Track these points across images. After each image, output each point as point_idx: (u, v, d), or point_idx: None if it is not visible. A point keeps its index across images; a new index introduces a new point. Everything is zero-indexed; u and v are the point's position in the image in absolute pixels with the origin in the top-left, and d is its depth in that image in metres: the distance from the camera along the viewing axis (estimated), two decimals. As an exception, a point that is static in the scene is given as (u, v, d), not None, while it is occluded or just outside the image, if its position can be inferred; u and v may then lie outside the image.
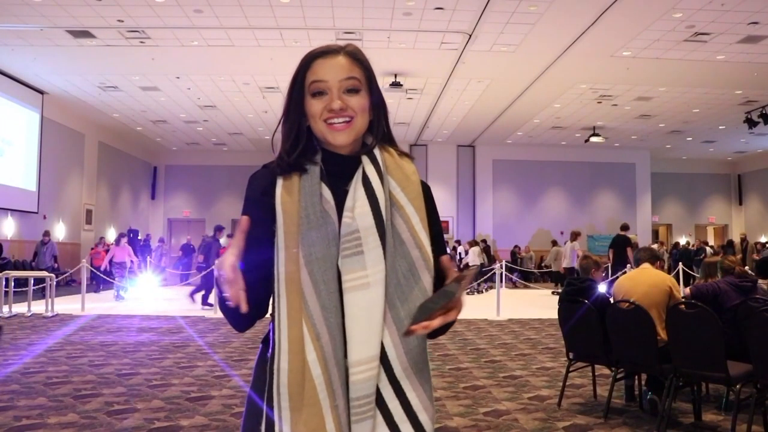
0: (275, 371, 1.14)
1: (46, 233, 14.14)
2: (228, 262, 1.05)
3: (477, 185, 22.17)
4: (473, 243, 16.96)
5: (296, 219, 1.16)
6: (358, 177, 1.21)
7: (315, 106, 1.21)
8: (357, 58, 1.24)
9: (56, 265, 14.10)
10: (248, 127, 18.73)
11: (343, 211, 1.18)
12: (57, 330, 8.31)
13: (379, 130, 1.27)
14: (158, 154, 22.77)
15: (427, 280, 1.18)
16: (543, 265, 18.10)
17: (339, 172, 1.23)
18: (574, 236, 14.61)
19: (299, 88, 1.23)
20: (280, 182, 1.20)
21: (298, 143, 1.23)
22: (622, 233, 12.64)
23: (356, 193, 1.19)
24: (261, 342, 1.30)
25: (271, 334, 1.19)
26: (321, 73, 1.21)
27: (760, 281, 5.48)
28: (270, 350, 1.17)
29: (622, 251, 12.18)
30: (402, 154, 1.28)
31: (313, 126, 1.23)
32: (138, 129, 19.15)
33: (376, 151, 1.24)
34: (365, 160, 1.23)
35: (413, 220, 1.20)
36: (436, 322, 1.08)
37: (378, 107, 1.27)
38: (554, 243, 17.51)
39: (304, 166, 1.21)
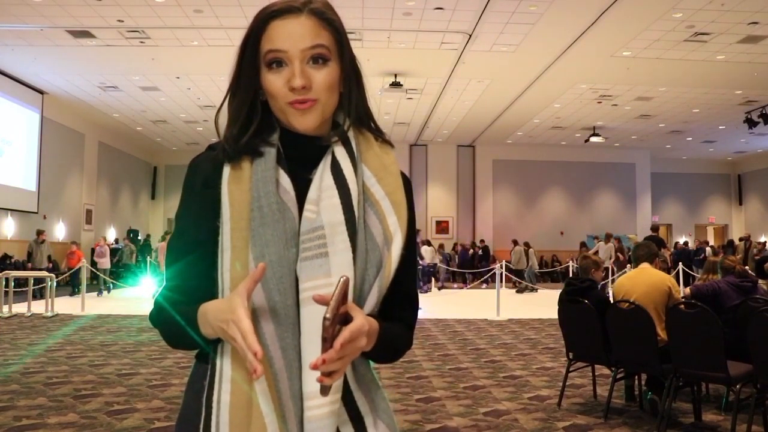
0: (213, 404, 0.91)
1: (42, 232, 13.71)
2: (244, 323, 0.82)
3: (477, 185, 22.17)
4: (426, 242, 17.01)
5: (246, 212, 0.93)
6: (325, 163, 0.99)
7: (273, 83, 0.96)
8: (325, 17, 0.98)
9: (50, 265, 13.97)
10: (248, 127, 18.73)
11: (305, 203, 0.96)
12: (57, 330, 8.31)
13: (351, 105, 1.02)
14: (158, 154, 22.79)
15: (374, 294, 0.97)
16: (510, 265, 18.12)
17: (301, 157, 1.00)
18: (608, 238, 14.90)
19: (251, 57, 0.98)
20: (227, 169, 0.97)
21: (250, 124, 0.99)
22: (654, 234, 12.77)
23: (323, 182, 0.97)
24: (195, 356, 1.03)
25: (211, 354, 0.96)
26: (279, 40, 0.96)
27: (759, 281, 5.48)
28: (207, 377, 0.95)
29: None
30: (380, 139, 1.05)
31: (271, 104, 0.99)
32: (138, 129, 19.16)
33: (350, 133, 1.02)
34: (334, 141, 1.00)
35: (389, 220, 0.98)
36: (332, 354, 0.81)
37: (350, 78, 1.01)
38: (515, 243, 17.50)
39: (258, 148, 0.97)
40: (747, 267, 13.52)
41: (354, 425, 0.94)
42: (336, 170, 0.97)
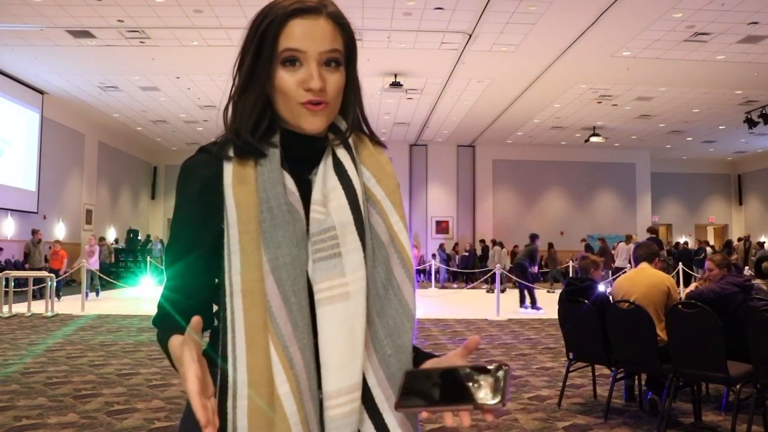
0: (228, 410, 0.89)
1: (37, 231, 13.27)
2: (191, 386, 0.77)
3: (477, 185, 22.18)
4: None
5: (255, 214, 0.92)
6: (327, 163, 0.99)
7: (287, 80, 0.95)
8: (340, 22, 0.99)
9: (47, 265, 13.85)
10: (248, 127, 18.74)
11: (311, 204, 0.96)
12: (57, 330, 8.31)
13: (353, 112, 1.03)
14: (158, 154, 22.80)
15: (408, 291, 0.98)
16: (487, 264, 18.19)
17: (299, 157, 1.00)
18: (629, 239, 15.04)
19: (269, 51, 0.96)
20: (229, 170, 0.96)
21: (262, 120, 0.99)
22: (653, 235, 12.81)
23: (327, 183, 0.97)
24: None
25: (220, 362, 0.93)
26: (299, 40, 0.95)
27: (759, 281, 5.47)
28: (218, 384, 0.91)
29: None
30: (374, 141, 1.06)
31: (280, 101, 0.98)
32: (138, 129, 19.16)
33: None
34: (335, 143, 1.00)
35: (392, 219, 1.00)
36: (448, 421, 0.81)
37: (352, 84, 1.02)
38: (494, 243, 17.51)
39: (261, 149, 0.97)
40: (747, 267, 13.55)
41: (374, 422, 0.93)
42: (339, 170, 0.98)
